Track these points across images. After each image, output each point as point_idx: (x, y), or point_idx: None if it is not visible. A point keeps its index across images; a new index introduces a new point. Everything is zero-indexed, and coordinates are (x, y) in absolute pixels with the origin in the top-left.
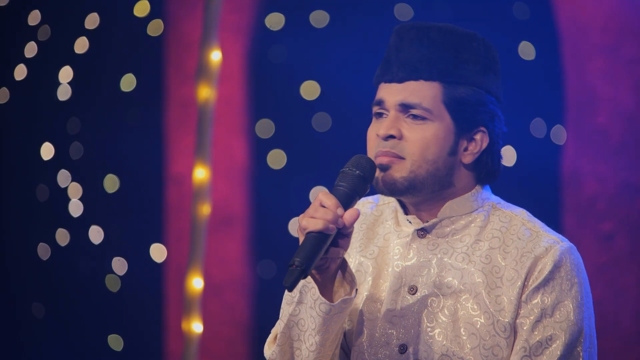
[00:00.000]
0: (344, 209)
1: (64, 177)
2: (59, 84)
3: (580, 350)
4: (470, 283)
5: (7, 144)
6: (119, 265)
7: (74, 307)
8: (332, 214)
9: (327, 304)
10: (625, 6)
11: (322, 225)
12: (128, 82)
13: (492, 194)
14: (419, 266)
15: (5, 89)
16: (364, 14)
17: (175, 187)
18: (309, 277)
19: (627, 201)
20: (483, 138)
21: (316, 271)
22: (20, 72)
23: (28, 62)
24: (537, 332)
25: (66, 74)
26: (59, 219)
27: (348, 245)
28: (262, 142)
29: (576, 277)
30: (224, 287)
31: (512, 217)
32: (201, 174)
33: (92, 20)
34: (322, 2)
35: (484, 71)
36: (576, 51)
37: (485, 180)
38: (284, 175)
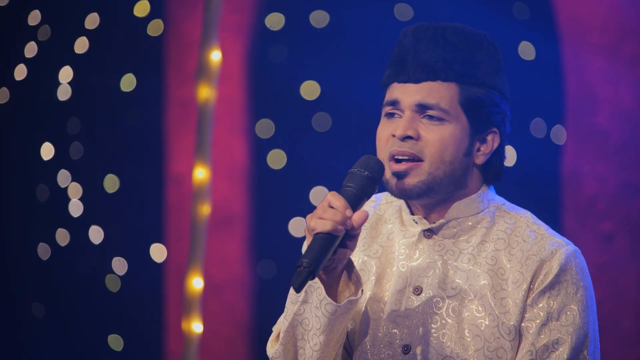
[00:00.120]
0: (352, 210)
1: (64, 177)
2: (59, 84)
3: (586, 353)
4: (476, 285)
5: (7, 144)
6: (119, 265)
7: (74, 307)
8: (340, 215)
9: (333, 304)
10: (625, 6)
11: (331, 227)
12: (128, 82)
13: (496, 194)
14: (424, 267)
15: (5, 89)
16: (364, 14)
17: (175, 187)
18: None
19: (627, 201)
20: (494, 139)
21: (323, 271)
22: (20, 72)
23: (28, 62)
24: (544, 336)
25: (66, 74)
26: (59, 219)
27: (355, 246)
28: (262, 142)
29: (581, 280)
30: (224, 287)
31: (517, 218)
32: (201, 174)
33: (92, 20)
34: (322, 2)
35: (496, 71)
36: (576, 51)
37: (492, 180)
38: (284, 175)
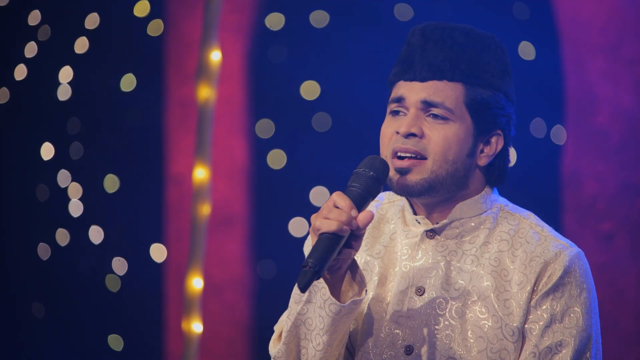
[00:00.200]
0: (358, 210)
1: (64, 177)
2: (59, 84)
3: (588, 356)
4: (479, 286)
5: (7, 144)
6: (119, 265)
7: (74, 307)
8: (346, 216)
9: (337, 304)
10: (625, 6)
11: (336, 227)
12: (128, 82)
13: (499, 195)
14: (427, 267)
15: (5, 89)
16: (364, 14)
17: (175, 187)
18: None
19: (627, 201)
20: (498, 141)
21: (327, 271)
22: (20, 72)
23: (28, 62)
24: (547, 338)
25: (66, 74)
26: (59, 219)
27: (360, 246)
28: (262, 142)
29: (585, 283)
30: (224, 287)
31: (520, 220)
32: (201, 174)
33: (92, 20)
34: (322, 2)
35: (502, 74)
36: (576, 51)
37: (495, 182)
38: (284, 175)
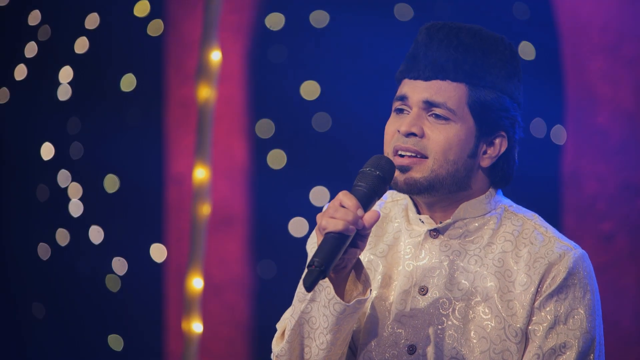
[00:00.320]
0: (364, 209)
1: (64, 177)
2: (59, 84)
3: (592, 358)
4: (482, 286)
5: (7, 144)
6: (119, 265)
7: (74, 307)
8: (352, 215)
9: (342, 303)
10: (625, 6)
11: (343, 226)
12: (128, 82)
13: (504, 196)
14: (430, 267)
15: (5, 89)
16: (364, 14)
17: (175, 187)
18: None
19: (627, 201)
20: (502, 143)
21: (332, 270)
22: (20, 72)
23: (28, 62)
24: (551, 339)
25: (66, 74)
26: (59, 219)
27: (365, 245)
28: (262, 142)
29: (589, 284)
30: (224, 287)
31: (524, 220)
32: (201, 174)
33: (92, 20)
34: (322, 2)
35: (509, 76)
36: (576, 51)
37: (499, 184)
38: (284, 175)
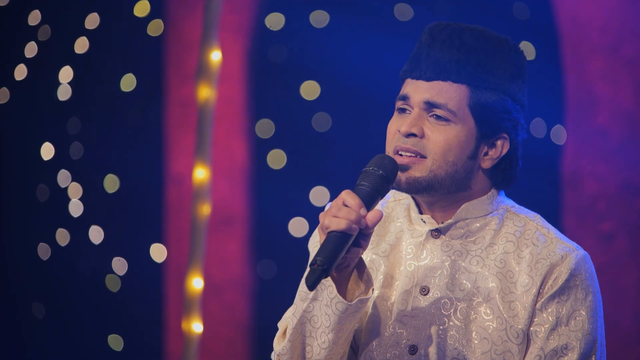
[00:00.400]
0: (367, 209)
1: (64, 177)
2: (59, 84)
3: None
4: (484, 287)
5: (7, 144)
6: (119, 265)
7: (74, 307)
8: (355, 214)
9: (344, 303)
10: (625, 6)
11: (345, 226)
12: (128, 82)
13: (506, 197)
14: (431, 267)
15: (5, 89)
16: (364, 14)
17: (175, 187)
18: None
19: (627, 201)
20: (504, 144)
21: (334, 269)
22: (20, 72)
23: (28, 62)
24: (553, 340)
25: (66, 74)
26: (59, 219)
27: (368, 245)
28: (262, 142)
29: (591, 286)
30: (224, 287)
31: (526, 221)
32: (201, 174)
33: (92, 20)
34: (322, 2)
35: (512, 78)
36: (576, 51)
37: (501, 185)
38: (284, 175)
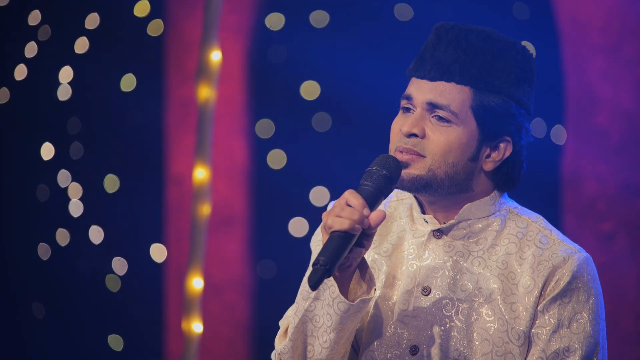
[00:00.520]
0: (370, 209)
1: (64, 177)
2: (59, 84)
3: None
4: (486, 288)
5: (7, 144)
6: (119, 265)
7: (74, 307)
8: (358, 214)
9: (346, 302)
10: (625, 6)
11: (349, 225)
12: (128, 82)
13: (509, 198)
14: (433, 267)
15: (5, 89)
16: (364, 14)
17: (175, 187)
18: None
19: (627, 201)
20: (507, 147)
21: (337, 269)
22: (20, 72)
23: (28, 62)
24: (554, 343)
25: (66, 74)
26: (59, 219)
27: (370, 245)
28: (262, 142)
29: (593, 288)
30: (224, 287)
31: (529, 222)
32: (201, 174)
33: (92, 20)
34: (322, 2)
35: (518, 81)
36: (576, 51)
37: (503, 187)
38: (284, 175)
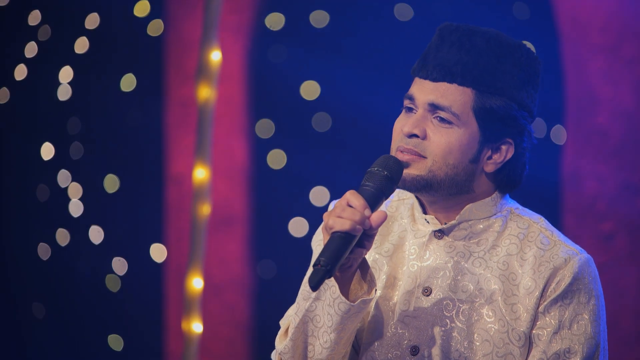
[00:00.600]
0: (371, 209)
1: (64, 177)
2: (59, 84)
3: None
4: (487, 289)
5: (7, 144)
6: (119, 265)
7: (74, 307)
8: (359, 215)
9: (346, 303)
10: (625, 6)
11: (350, 226)
12: (128, 82)
13: (510, 199)
14: (434, 267)
15: (5, 89)
16: (364, 14)
17: (175, 187)
18: None
19: (627, 201)
20: (508, 149)
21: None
22: (20, 72)
23: (28, 62)
24: (555, 344)
25: (66, 74)
26: (59, 219)
27: (371, 245)
28: (262, 142)
29: (594, 290)
30: (224, 287)
31: (530, 223)
32: (201, 174)
33: (92, 20)
34: (322, 2)
35: (522, 84)
36: (576, 51)
37: (504, 189)
38: (284, 175)
